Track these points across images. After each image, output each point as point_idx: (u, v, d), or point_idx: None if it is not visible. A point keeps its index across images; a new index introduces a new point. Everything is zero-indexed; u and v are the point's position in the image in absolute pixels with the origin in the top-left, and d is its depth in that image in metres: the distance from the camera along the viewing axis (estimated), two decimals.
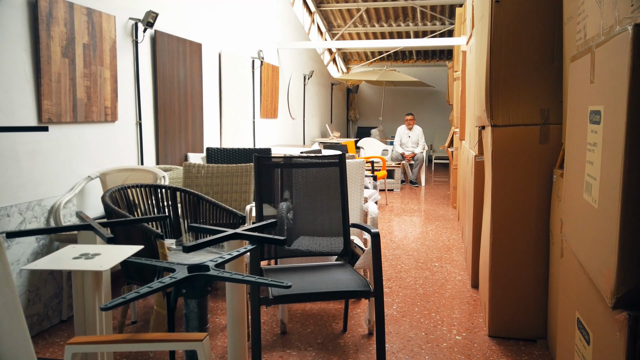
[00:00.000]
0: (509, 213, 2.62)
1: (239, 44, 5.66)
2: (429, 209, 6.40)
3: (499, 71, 2.59)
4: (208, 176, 3.30)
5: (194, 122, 4.57)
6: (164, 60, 4.05)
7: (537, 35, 2.55)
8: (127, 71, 3.63)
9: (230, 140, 5.41)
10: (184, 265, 1.47)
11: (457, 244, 4.71)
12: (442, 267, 3.96)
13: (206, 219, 2.74)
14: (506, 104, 2.59)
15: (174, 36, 4.18)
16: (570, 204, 1.90)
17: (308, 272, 2.44)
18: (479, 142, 3.40)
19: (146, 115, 3.86)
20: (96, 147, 3.30)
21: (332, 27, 11.16)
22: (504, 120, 2.60)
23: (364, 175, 3.54)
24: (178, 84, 4.27)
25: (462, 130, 5.34)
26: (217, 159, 3.81)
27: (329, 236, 2.80)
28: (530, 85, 2.57)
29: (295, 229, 2.94)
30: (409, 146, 8.47)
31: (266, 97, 6.55)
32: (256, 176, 2.58)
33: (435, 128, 11.82)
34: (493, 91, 2.60)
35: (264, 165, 2.60)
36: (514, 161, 2.60)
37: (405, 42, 7.31)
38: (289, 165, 2.69)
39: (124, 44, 3.57)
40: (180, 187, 3.28)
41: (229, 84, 5.33)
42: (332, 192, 2.70)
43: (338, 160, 2.68)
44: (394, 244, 4.67)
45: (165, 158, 4.11)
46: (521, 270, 2.62)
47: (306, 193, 2.79)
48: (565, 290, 1.97)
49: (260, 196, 2.57)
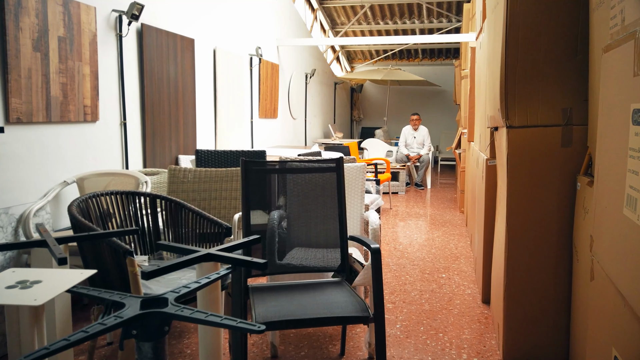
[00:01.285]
0: (526, 224, 2.33)
1: (235, 40, 5.39)
2: (435, 214, 6.11)
3: (516, 66, 2.31)
4: (195, 181, 3.03)
5: (185, 122, 4.31)
6: (152, 56, 3.79)
7: (558, 25, 2.27)
8: (110, 67, 3.37)
9: (226, 141, 5.15)
10: (137, 299, 1.20)
11: (466, 252, 4.42)
12: (449, 278, 3.68)
13: (189, 229, 2.47)
14: (523, 102, 2.31)
15: (163, 30, 3.92)
16: (605, 219, 1.61)
17: (300, 292, 2.16)
18: (490, 145, 3.12)
19: (132, 114, 3.60)
20: (74, 150, 3.04)
21: (335, 24, 10.88)
22: (520, 121, 2.32)
23: (365, 180, 3.25)
24: (168, 81, 4.01)
25: (471, 131, 5.05)
26: (208, 162, 3.55)
27: (325, 248, 2.53)
28: (550, 81, 2.28)
29: (289, 239, 2.67)
30: (414, 147, 8.18)
31: (265, 97, 6.28)
32: (243, 183, 2.31)
33: (442, 128, 11.52)
34: (509, 88, 2.32)
35: (252, 170, 2.33)
36: (532, 166, 2.31)
37: (411, 38, 7.03)
38: (280, 170, 2.42)
39: (106, 38, 3.31)
40: (163, 193, 3.01)
41: (224, 82, 5.06)
42: (328, 201, 2.43)
43: (335, 165, 2.40)
44: (398, 252, 4.39)
45: (154, 161, 3.85)
46: (540, 289, 2.33)
47: (299, 201, 2.52)
48: (597, 320, 1.69)
49: (247, 205, 2.30)
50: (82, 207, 2.21)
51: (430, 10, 9.90)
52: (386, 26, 10.58)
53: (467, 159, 5.48)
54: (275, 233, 2.47)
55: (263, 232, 2.63)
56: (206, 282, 1.34)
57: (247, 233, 2.26)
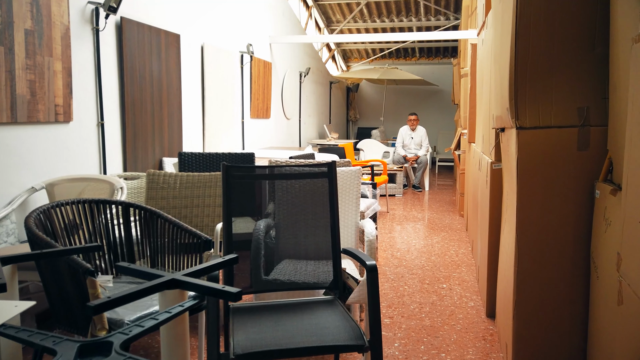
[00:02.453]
0: (538, 236, 2.11)
1: (225, 36, 5.15)
2: (434, 217, 5.88)
3: (526, 61, 2.08)
4: (176, 187, 2.79)
5: (170, 122, 4.07)
6: (133, 52, 3.54)
7: (574, 15, 2.04)
8: (86, 64, 3.12)
9: (215, 142, 4.91)
10: (74, 344, 0.96)
11: (467, 259, 4.19)
12: (451, 289, 3.45)
13: (165, 241, 2.23)
14: (535, 101, 2.08)
15: (145, 25, 3.68)
16: (636, 235, 1.38)
17: (287, 314, 1.93)
18: (495, 147, 2.89)
19: (110, 114, 3.36)
20: (43, 153, 2.80)
21: (330, 22, 10.65)
22: (532, 121, 2.09)
23: (361, 185, 3.03)
24: (151, 79, 3.77)
25: (472, 131, 4.83)
26: (192, 165, 3.31)
27: (316, 261, 2.30)
28: (565, 77, 2.06)
29: (277, 252, 2.43)
30: (411, 148, 7.96)
31: (257, 96, 6.04)
32: (225, 190, 2.07)
33: (440, 128, 11.30)
34: (519, 86, 2.09)
35: (235, 176, 2.09)
36: (545, 172, 2.09)
37: (408, 35, 6.80)
38: (265, 176, 2.19)
39: (80, 32, 3.07)
40: (137, 201, 2.77)
41: (213, 81, 4.82)
42: (319, 210, 2.19)
43: (327, 170, 2.17)
44: (396, 259, 4.16)
45: (135, 164, 3.61)
46: (553, 308, 2.10)
47: (287, 210, 2.29)
48: (626, 349, 1.46)
49: (228, 214, 2.06)
50: (42, 219, 1.96)
51: (428, 7, 9.69)
52: (382, 24, 10.35)
53: (468, 161, 5.26)
54: (261, 245, 2.23)
55: (250, 242, 2.40)
56: (166, 317, 1.10)
57: (228, 247, 2.03)
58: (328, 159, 4.47)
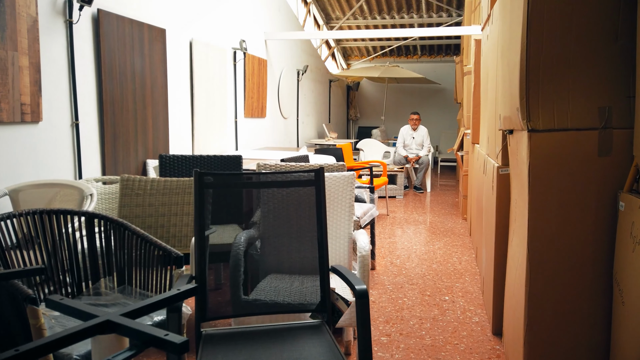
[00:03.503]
0: (553, 252, 1.86)
1: (216, 32, 4.90)
2: (436, 221, 5.63)
3: (539, 55, 1.83)
4: (153, 193, 2.55)
5: (155, 122, 3.82)
6: (113, 47, 3.30)
7: (594, 2, 1.79)
8: (58, 59, 2.89)
9: (205, 143, 4.67)
10: None
11: (471, 267, 3.95)
12: (453, 302, 3.20)
13: (133, 257, 1.99)
14: (549, 100, 1.84)
15: (126, 18, 3.44)
16: None
17: (266, 344, 1.69)
18: (502, 150, 2.65)
19: (86, 114, 3.12)
20: (7, 156, 2.56)
21: (330, 19, 10.39)
22: (545, 123, 1.84)
23: (355, 191, 2.77)
24: (133, 76, 3.53)
25: (476, 132, 4.58)
26: (174, 169, 3.06)
27: (303, 277, 2.06)
28: (584, 73, 1.81)
29: (263, 264, 2.19)
30: (413, 148, 7.70)
31: (251, 94, 5.80)
32: (197, 200, 1.83)
33: (442, 128, 11.04)
34: (531, 83, 1.85)
35: (209, 184, 1.85)
36: (561, 180, 1.84)
37: (409, 31, 6.55)
38: (243, 184, 1.94)
39: (51, 25, 2.83)
40: (113, 208, 2.54)
41: (203, 78, 4.58)
42: (305, 222, 1.95)
43: (314, 177, 1.92)
44: (395, 267, 3.92)
45: (115, 167, 3.37)
46: (570, 334, 1.86)
47: (269, 222, 2.05)
48: None
49: (201, 228, 1.82)
50: None
51: (429, 3, 9.43)
52: (383, 21, 10.09)
53: (471, 163, 5.01)
54: (240, 262, 1.99)
55: None
56: None
57: (200, 266, 1.78)
58: (323, 161, 4.23)
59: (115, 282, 2.00)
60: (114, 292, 1.95)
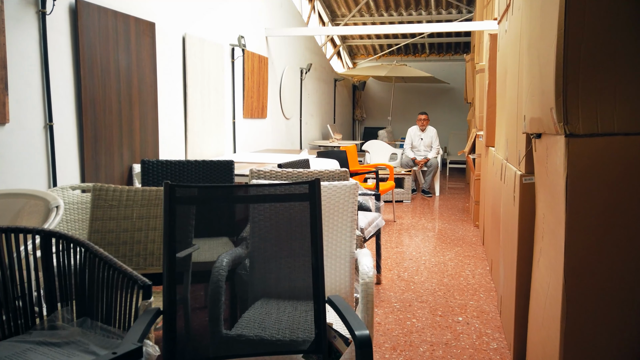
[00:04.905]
0: (596, 282, 1.54)
1: (211, 26, 4.60)
2: (446, 228, 5.31)
3: (580, 44, 1.52)
4: (129, 205, 2.25)
5: (143, 123, 3.53)
6: (93, 41, 3.01)
7: None
8: (29, 54, 2.60)
9: (200, 146, 4.37)
10: None
11: (485, 282, 3.62)
12: (468, 323, 2.88)
13: (95, 284, 1.69)
14: (592, 98, 1.52)
15: (109, 10, 3.14)
16: None
17: None
18: (526, 156, 2.33)
19: (62, 115, 2.83)
20: None
21: (335, 16, 10.08)
22: (587, 126, 1.53)
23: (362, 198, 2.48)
24: (117, 73, 3.23)
25: (490, 134, 4.25)
26: (159, 175, 2.76)
27: (296, 305, 1.75)
28: (635, 66, 1.49)
29: (253, 288, 1.89)
30: (421, 150, 7.37)
31: (251, 93, 5.50)
32: (166, 218, 1.52)
33: (451, 128, 10.69)
34: (569, 78, 1.53)
35: (181, 199, 1.55)
36: (606, 195, 1.52)
37: (418, 27, 6.22)
38: (222, 198, 1.64)
39: (20, 15, 2.54)
40: (77, 222, 2.27)
41: (197, 76, 4.28)
42: (297, 244, 1.64)
43: (309, 191, 1.62)
44: (403, 282, 3.60)
45: (97, 172, 3.08)
46: None
47: (261, 238, 1.75)
48: None
49: (170, 251, 1.51)
50: None
51: (439, 0, 9.09)
52: (390, 18, 9.76)
53: (484, 167, 4.69)
54: (221, 290, 1.69)
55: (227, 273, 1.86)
56: None
57: (170, 299, 1.48)
58: (325, 165, 3.92)
59: (74, 313, 1.70)
60: (72, 326, 1.65)
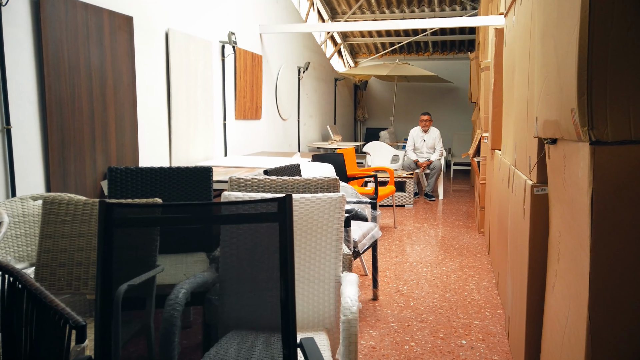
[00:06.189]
0: (627, 315, 1.26)
1: (198, 22, 4.33)
2: (449, 235, 5.01)
3: (608, 35, 1.24)
4: (85, 220, 1.98)
5: (120, 126, 3.26)
6: (60, 36, 2.75)
7: None
8: None
9: (186, 150, 4.10)
10: None
11: (492, 298, 3.33)
12: (472, 347, 2.60)
13: (22, 319, 1.41)
14: (622, 99, 1.24)
15: (78, 2, 2.88)
16: None
17: None
18: (539, 163, 2.04)
19: (23, 117, 2.57)
20: None
21: (335, 13, 9.80)
22: (616, 132, 1.25)
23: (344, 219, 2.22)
24: (88, 72, 2.97)
25: (496, 136, 3.96)
26: (129, 186, 2.49)
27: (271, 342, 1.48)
28: None
29: (223, 317, 1.61)
30: (423, 152, 7.08)
31: (243, 94, 5.23)
32: (101, 244, 1.25)
33: (455, 129, 10.37)
34: (595, 75, 1.25)
35: (120, 220, 1.27)
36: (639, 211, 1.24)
37: (420, 23, 5.93)
38: (171, 220, 1.36)
39: None
40: (33, 237, 2.02)
41: (183, 75, 4.01)
42: (263, 274, 1.37)
43: (277, 210, 1.34)
44: (402, 297, 3.31)
45: (65, 180, 2.81)
46: None
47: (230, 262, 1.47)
48: None
49: (104, 284, 1.24)
50: None
51: None
52: (392, 15, 9.47)
53: (490, 171, 4.39)
54: (175, 329, 1.41)
55: (202, 295, 1.57)
56: None
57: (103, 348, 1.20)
58: (318, 171, 3.64)
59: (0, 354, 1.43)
60: None
